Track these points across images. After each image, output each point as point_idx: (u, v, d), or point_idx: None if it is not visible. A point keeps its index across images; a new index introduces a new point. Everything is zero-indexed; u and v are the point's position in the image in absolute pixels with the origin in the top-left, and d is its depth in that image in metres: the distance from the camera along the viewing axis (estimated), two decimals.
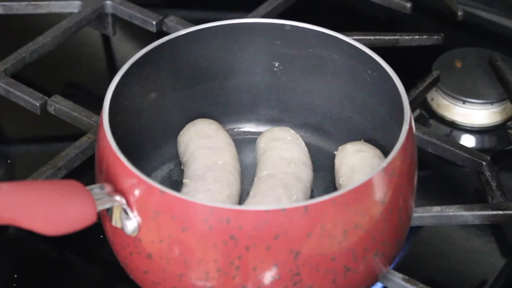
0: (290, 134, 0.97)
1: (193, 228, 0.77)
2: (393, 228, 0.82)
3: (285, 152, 0.94)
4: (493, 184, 0.99)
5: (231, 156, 0.94)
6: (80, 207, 0.76)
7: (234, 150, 0.96)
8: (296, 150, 0.95)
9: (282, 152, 0.94)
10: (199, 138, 0.96)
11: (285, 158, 0.93)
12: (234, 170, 0.93)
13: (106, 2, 1.21)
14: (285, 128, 0.99)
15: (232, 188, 0.91)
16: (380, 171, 0.79)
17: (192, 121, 0.99)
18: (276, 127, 0.99)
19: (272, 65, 0.99)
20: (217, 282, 0.79)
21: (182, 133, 0.98)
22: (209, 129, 0.97)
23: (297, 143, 0.97)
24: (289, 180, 0.90)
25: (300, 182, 0.91)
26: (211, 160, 0.93)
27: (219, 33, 0.95)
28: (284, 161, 0.93)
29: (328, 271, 0.79)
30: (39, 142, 1.14)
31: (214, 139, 0.96)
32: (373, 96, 0.94)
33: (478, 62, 1.17)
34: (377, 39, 1.17)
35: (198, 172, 0.92)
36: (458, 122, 1.14)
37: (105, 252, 0.88)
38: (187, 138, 0.97)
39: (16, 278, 0.93)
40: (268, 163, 0.93)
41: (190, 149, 0.95)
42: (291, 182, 0.90)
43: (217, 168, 0.92)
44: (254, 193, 0.90)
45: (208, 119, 0.99)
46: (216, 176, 0.90)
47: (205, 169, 0.92)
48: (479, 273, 0.96)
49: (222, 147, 0.95)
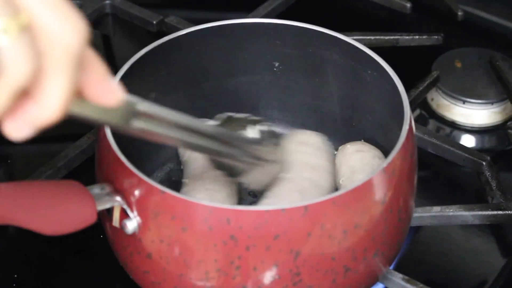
0: (319, 140, 0.96)
1: (193, 228, 0.77)
2: (393, 228, 0.82)
3: (310, 157, 0.93)
4: (493, 184, 0.99)
5: None
6: (80, 207, 0.76)
7: None
8: (323, 157, 0.94)
9: (307, 157, 0.94)
10: None
11: (308, 163, 0.92)
12: None
13: (106, 2, 1.21)
14: (314, 133, 0.98)
15: (232, 187, 0.91)
16: (380, 171, 0.79)
17: None
18: (307, 130, 0.99)
19: (272, 65, 0.99)
20: (217, 282, 0.79)
21: None
22: None
23: (325, 150, 0.96)
24: (307, 186, 0.90)
25: (319, 190, 0.90)
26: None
27: (219, 33, 0.95)
28: (307, 166, 0.92)
29: (328, 271, 0.79)
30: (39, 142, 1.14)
31: None
32: (373, 96, 0.94)
33: (478, 62, 1.17)
34: (377, 39, 1.17)
35: (198, 171, 0.92)
36: (458, 122, 1.14)
37: (105, 252, 0.88)
38: None
39: (16, 278, 0.93)
40: (290, 166, 0.93)
41: None
42: (309, 188, 0.90)
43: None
44: (270, 194, 0.90)
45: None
46: (215, 176, 0.90)
47: (204, 168, 0.92)
48: (479, 273, 0.96)
49: None
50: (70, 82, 0.56)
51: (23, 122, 0.56)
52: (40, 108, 0.56)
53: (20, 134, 0.56)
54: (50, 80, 0.55)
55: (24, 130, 0.56)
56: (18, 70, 0.53)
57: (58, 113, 0.56)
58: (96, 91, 0.59)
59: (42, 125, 0.57)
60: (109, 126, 0.68)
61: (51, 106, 0.56)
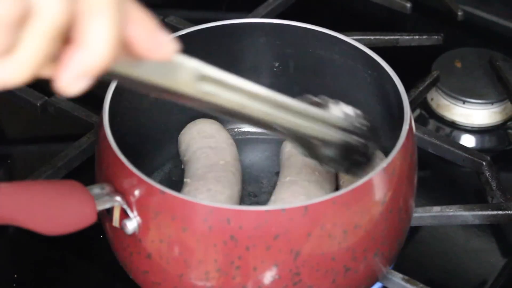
0: None
1: (193, 228, 0.77)
2: (393, 228, 0.82)
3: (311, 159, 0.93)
4: (493, 184, 0.99)
5: (232, 157, 0.94)
6: (80, 207, 0.76)
7: (235, 150, 0.96)
8: None
9: (308, 159, 0.93)
10: (201, 138, 0.95)
11: (310, 165, 0.92)
12: (235, 171, 0.93)
13: None
14: None
15: (233, 188, 0.91)
16: (380, 171, 0.79)
17: (193, 120, 0.99)
18: None
19: (272, 65, 0.99)
20: (217, 282, 0.79)
21: (184, 132, 0.98)
22: (211, 129, 0.97)
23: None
24: (312, 188, 0.90)
25: (323, 191, 0.90)
26: (213, 159, 0.93)
27: (219, 33, 0.95)
28: (308, 168, 0.92)
29: (328, 271, 0.79)
30: (39, 142, 1.14)
31: (216, 139, 0.96)
32: (373, 96, 0.94)
33: (478, 62, 1.17)
34: (377, 39, 1.17)
35: (200, 171, 0.92)
36: (458, 122, 1.14)
37: (105, 252, 0.88)
38: (189, 137, 0.96)
39: (16, 278, 0.93)
40: (292, 169, 0.92)
41: (192, 148, 0.95)
42: (314, 190, 0.89)
43: (218, 168, 0.92)
44: (275, 198, 0.89)
45: (210, 119, 0.99)
46: (218, 176, 0.90)
47: (207, 169, 0.92)
48: (479, 273, 0.96)
49: (224, 147, 0.95)
50: (114, 22, 0.53)
51: (74, 72, 0.53)
52: (88, 53, 0.53)
53: (75, 87, 0.53)
54: (91, 21, 0.52)
55: (77, 82, 0.53)
56: (53, 10, 0.51)
57: (108, 57, 0.53)
58: (146, 45, 0.56)
59: (94, 73, 0.53)
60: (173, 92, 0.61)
61: (99, 49, 0.53)
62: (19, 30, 0.51)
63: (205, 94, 0.64)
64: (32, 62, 0.52)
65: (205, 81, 0.63)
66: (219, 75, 0.65)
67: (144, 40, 0.56)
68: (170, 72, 0.59)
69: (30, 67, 0.52)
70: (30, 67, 0.52)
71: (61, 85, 0.53)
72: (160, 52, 0.57)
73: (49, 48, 0.52)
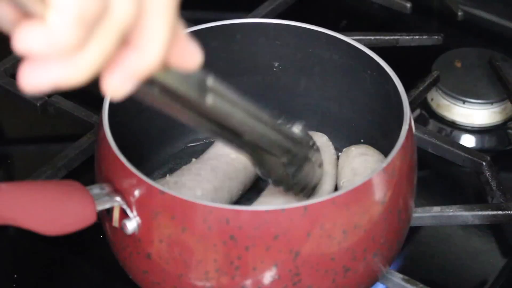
0: (321, 141, 0.96)
1: (192, 228, 0.77)
2: (393, 228, 0.82)
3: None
4: (493, 184, 0.99)
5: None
6: (80, 207, 0.76)
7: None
8: (325, 159, 0.93)
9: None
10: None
11: None
12: (242, 168, 0.92)
13: None
14: (318, 134, 0.98)
15: (227, 183, 0.90)
16: (380, 171, 0.79)
17: None
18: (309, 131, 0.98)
19: (272, 65, 0.99)
20: (216, 282, 0.79)
21: None
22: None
23: (326, 151, 0.95)
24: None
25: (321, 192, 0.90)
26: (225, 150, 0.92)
27: (219, 33, 0.95)
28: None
29: (327, 271, 0.79)
30: (39, 142, 1.14)
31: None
32: (373, 96, 0.94)
33: (478, 62, 1.17)
34: (377, 39, 1.17)
35: (205, 157, 0.92)
36: (458, 122, 1.14)
37: (105, 252, 0.88)
38: None
39: (16, 278, 0.93)
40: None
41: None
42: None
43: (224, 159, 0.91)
44: (265, 193, 0.89)
45: None
46: (215, 166, 0.90)
47: (213, 155, 0.91)
48: (479, 273, 0.96)
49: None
50: (171, 26, 0.52)
51: (124, 74, 0.52)
52: (141, 56, 0.52)
53: (121, 89, 0.52)
54: (152, 23, 0.51)
55: (125, 84, 0.52)
56: (125, 10, 0.49)
57: (158, 62, 0.52)
58: (179, 53, 0.55)
59: (142, 76, 0.52)
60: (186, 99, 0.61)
61: (152, 53, 0.52)
62: (94, 27, 0.49)
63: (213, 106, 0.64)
64: (97, 62, 0.50)
65: (210, 92, 0.63)
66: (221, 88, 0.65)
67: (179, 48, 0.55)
68: (185, 79, 0.59)
69: (94, 67, 0.50)
70: (94, 67, 0.50)
71: (111, 87, 0.52)
72: (189, 62, 0.57)
73: (114, 48, 0.50)
